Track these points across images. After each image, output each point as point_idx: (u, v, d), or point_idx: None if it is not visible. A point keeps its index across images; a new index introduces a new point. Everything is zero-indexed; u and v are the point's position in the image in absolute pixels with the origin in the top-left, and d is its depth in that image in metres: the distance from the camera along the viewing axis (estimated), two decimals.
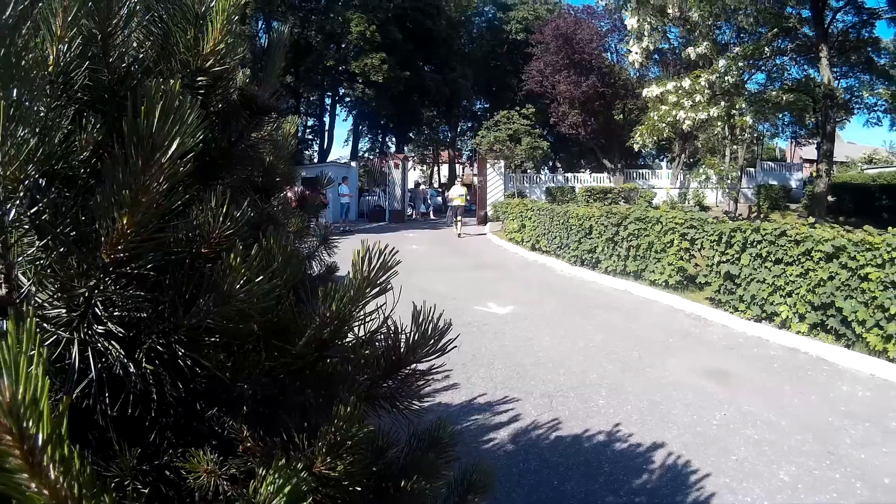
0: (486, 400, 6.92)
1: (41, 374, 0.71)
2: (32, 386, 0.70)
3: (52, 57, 1.15)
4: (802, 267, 9.55)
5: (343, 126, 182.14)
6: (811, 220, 10.55)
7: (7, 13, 0.95)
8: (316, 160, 53.74)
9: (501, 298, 12.95)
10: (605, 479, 5.17)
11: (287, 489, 1.02)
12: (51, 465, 0.72)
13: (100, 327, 1.11)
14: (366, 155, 61.48)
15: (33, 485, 0.72)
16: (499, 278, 16.06)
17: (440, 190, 55.40)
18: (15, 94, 0.93)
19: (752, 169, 45.39)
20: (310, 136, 58.59)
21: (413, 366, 1.55)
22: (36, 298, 1.06)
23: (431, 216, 46.49)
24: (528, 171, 48.77)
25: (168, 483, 1.27)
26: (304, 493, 1.07)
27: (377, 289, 1.32)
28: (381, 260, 1.29)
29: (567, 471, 5.33)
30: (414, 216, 44.88)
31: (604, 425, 6.27)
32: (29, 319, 0.71)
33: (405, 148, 62.28)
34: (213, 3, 1.37)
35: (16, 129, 0.93)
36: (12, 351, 0.70)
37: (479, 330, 10.13)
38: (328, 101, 57.48)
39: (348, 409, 1.22)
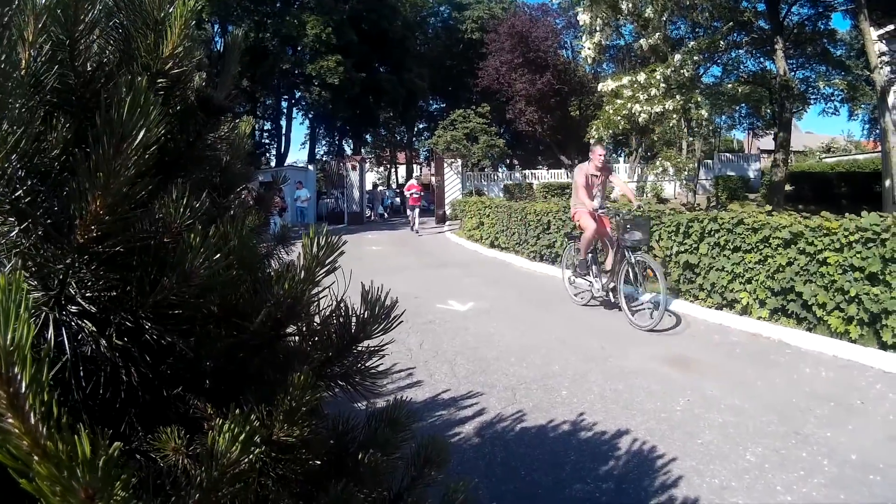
0: (450, 395, 6.96)
1: (26, 320, 0.77)
2: (20, 331, 0.76)
3: (24, 61, 1.23)
4: (761, 254, 9.72)
5: (300, 129, 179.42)
6: (768, 208, 10.70)
7: None
8: (273, 164, 53.49)
9: (462, 296, 13.02)
10: (572, 468, 5.20)
11: (242, 437, 1.10)
12: (32, 411, 0.77)
13: (73, 307, 1.19)
14: (323, 157, 61.19)
15: (15, 430, 0.77)
16: (459, 276, 16.13)
17: (398, 191, 55.34)
18: None
19: (709, 161, 45.83)
20: (266, 140, 58.20)
21: (365, 343, 1.64)
22: None
23: (386, 216, 46.56)
24: (486, 169, 48.90)
25: (137, 466, 1.35)
26: (257, 442, 1.15)
27: (326, 268, 1.42)
28: (328, 242, 1.39)
29: (533, 461, 5.36)
30: (372, 217, 44.82)
31: (568, 415, 6.32)
32: (18, 272, 0.78)
33: (362, 150, 62.10)
34: (172, 8, 1.46)
35: None
36: (2, 300, 0.76)
37: (441, 327, 10.20)
38: (285, 104, 57.30)
39: (302, 377, 1.32)
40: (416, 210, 32.05)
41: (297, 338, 1.60)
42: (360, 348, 1.65)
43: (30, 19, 1.22)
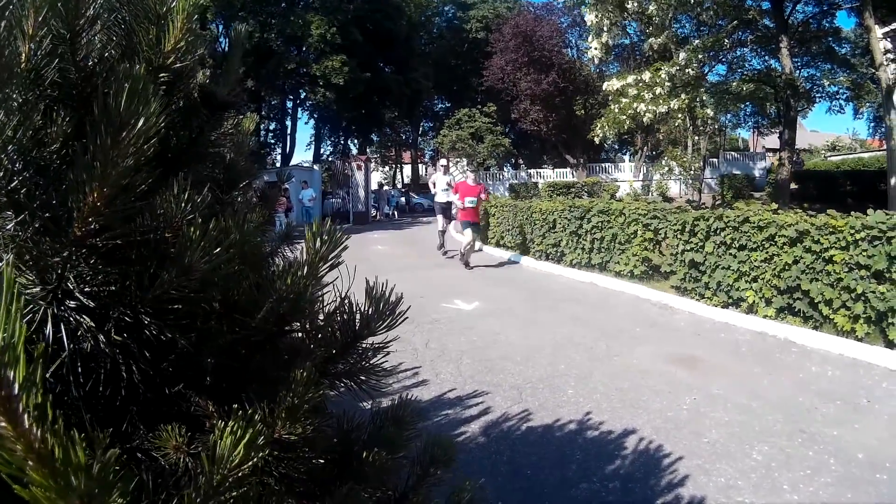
0: (456, 395, 6.95)
1: (18, 318, 0.74)
2: (10, 329, 0.73)
3: (24, 54, 1.22)
4: (767, 252, 9.72)
5: (305, 129, 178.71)
6: (774, 206, 10.70)
7: None
8: (279, 164, 53.51)
9: (468, 295, 12.95)
10: (578, 467, 5.21)
11: (246, 438, 1.08)
12: (25, 414, 0.74)
13: (72, 302, 1.18)
14: (328, 157, 61.15)
15: (9, 434, 0.74)
16: (464, 275, 16.07)
17: (404, 190, 55.34)
18: None
19: (714, 159, 45.89)
20: (272, 141, 58.26)
21: (369, 340, 1.62)
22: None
23: (395, 217, 46.51)
24: (491, 168, 48.90)
25: (139, 465, 1.34)
26: (261, 445, 1.13)
27: (329, 263, 1.41)
28: (332, 237, 1.38)
29: (539, 460, 5.37)
30: (378, 217, 44.76)
31: (574, 414, 6.31)
32: (8, 268, 0.76)
33: (367, 149, 62.12)
34: (174, 2, 1.44)
35: None
36: None
37: (447, 327, 10.17)
38: (290, 104, 57.31)
39: (305, 373, 1.30)
40: (472, 232, 16.92)
41: (300, 334, 1.59)
42: (364, 345, 1.63)
43: (30, 12, 1.21)
